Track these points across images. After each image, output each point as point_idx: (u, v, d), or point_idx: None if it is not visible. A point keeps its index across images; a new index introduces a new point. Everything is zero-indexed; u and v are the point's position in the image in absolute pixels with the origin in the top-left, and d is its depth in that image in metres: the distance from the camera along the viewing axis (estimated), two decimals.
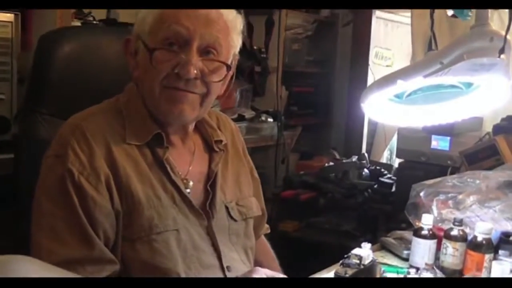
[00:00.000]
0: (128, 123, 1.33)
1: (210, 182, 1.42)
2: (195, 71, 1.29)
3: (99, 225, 1.23)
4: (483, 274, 1.59)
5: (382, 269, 1.67)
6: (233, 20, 1.36)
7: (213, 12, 1.32)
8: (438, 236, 1.70)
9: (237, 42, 1.39)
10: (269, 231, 1.70)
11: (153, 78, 1.30)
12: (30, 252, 1.14)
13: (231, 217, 1.44)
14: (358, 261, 1.56)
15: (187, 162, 1.41)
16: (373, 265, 1.53)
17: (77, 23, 2.53)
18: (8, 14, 2.20)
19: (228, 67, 1.37)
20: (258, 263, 1.53)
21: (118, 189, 1.26)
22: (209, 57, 1.33)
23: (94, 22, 2.64)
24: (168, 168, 1.34)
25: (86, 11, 2.63)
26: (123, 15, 2.93)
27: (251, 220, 1.52)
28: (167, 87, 1.30)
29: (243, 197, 1.51)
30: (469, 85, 1.65)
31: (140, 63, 1.34)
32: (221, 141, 1.48)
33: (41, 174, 1.27)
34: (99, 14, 2.73)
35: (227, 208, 1.44)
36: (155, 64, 1.28)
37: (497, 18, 3.01)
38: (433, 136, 2.87)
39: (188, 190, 1.36)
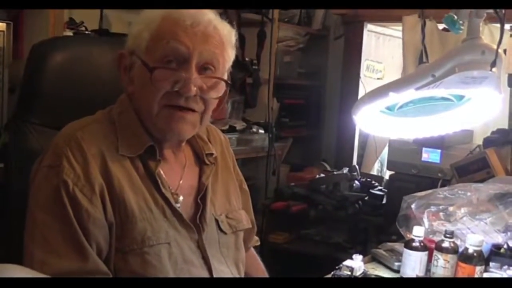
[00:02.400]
0: (121, 134, 1.32)
1: (201, 195, 1.42)
2: (195, 88, 1.29)
3: (93, 237, 1.22)
4: None
5: None
6: (228, 35, 1.37)
7: (210, 28, 1.31)
8: (429, 248, 1.70)
9: (232, 56, 1.40)
10: (258, 243, 1.69)
11: (151, 96, 1.29)
12: (21, 262, 1.13)
13: (221, 230, 1.44)
14: (349, 273, 1.57)
15: (178, 176, 1.41)
16: (368, 275, 1.53)
17: (69, 33, 2.53)
18: (0, 23, 2.20)
19: (227, 83, 1.37)
20: (247, 276, 1.53)
21: (112, 201, 1.25)
22: (207, 74, 1.32)
23: (86, 32, 2.64)
24: (159, 182, 1.33)
25: (78, 21, 2.63)
26: (115, 25, 2.93)
27: (241, 233, 1.51)
28: (166, 105, 1.29)
29: (232, 209, 1.50)
30: (460, 97, 1.66)
31: (136, 79, 1.33)
32: (212, 154, 1.47)
33: (35, 184, 1.26)
34: (91, 24, 2.73)
35: (217, 221, 1.44)
36: (155, 83, 1.27)
37: (487, 33, 3.05)
38: (424, 149, 2.88)
39: (178, 205, 1.36)
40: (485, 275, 1.58)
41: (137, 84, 1.33)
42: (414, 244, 1.70)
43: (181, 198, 1.37)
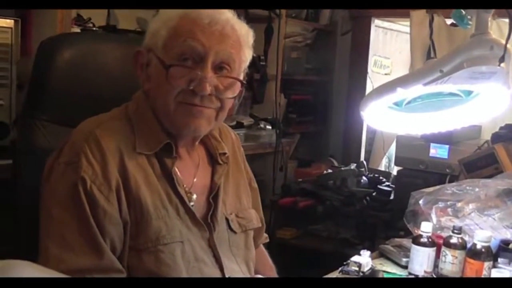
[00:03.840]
0: (138, 132, 1.32)
1: (213, 195, 1.42)
2: (210, 88, 1.29)
3: (108, 234, 1.22)
4: None
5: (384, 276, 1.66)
6: (245, 35, 1.36)
7: (227, 27, 1.31)
8: (437, 243, 1.70)
9: (248, 56, 1.39)
10: (267, 240, 1.69)
11: (167, 93, 1.29)
12: (29, 257, 1.13)
13: (231, 229, 1.44)
14: (357, 269, 1.57)
15: (192, 175, 1.41)
16: (376, 271, 1.53)
17: (77, 29, 2.54)
18: (8, 20, 2.21)
19: (242, 84, 1.37)
20: (255, 272, 1.53)
21: (128, 199, 1.25)
22: (223, 74, 1.32)
23: (94, 28, 2.64)
24: (175, 180, 1.33)
25: (86, 17, 2.64)
26: (123, 21, 2.94)
27: (251, 232, 1.51)
28: (182, 102, 1.30)
29: (242, 208, 1.50)
30: (468, 93, 1.65)
31: (153, 76, 1.33)
32: (225, 153, 1.47)
33: (51, 180, 1.26)
34: (99, 20, 2.74)
35: (227, 220, 1.44)
36: (171, 80, 1.28)
37: (496, 28, 3.03)
38: (432, 144, 2.88)
39: (192, 204, 1.36)
40: (493, 271, 1.58)
41: (153, 81, 1.33)
42: (422, 240, 1.70)
43: (194, 196, 1.37)
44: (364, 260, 1.60)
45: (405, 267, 1.78)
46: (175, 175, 1.33)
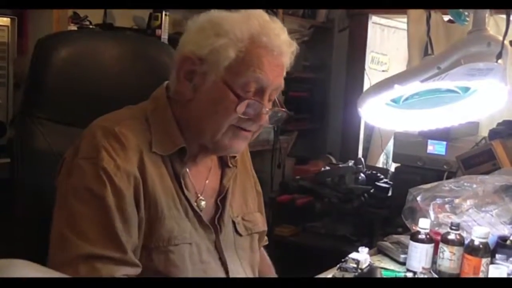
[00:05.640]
0: (154, 132, 1.32)
1: (221, 197, 1.42)
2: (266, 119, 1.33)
3: (133, 227, 1.22)
4: None
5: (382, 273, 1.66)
6: (287, 62, 1.37)
7: (286, 59, 1.34)
8: (435, 240, 1.70)
9: None
10: (267, 242, 1.70)
11: (226, 117, 1.29)
12: (28, 256, 1.13)
13: (237, 232, 1.44)
14: (355, 265, 1.57)
15: (204, 177, 1.41)
16: (374, 268, 1.53)
17: (74, 27, 2.53)
18: (5, 19, 2.20)
19: (287, 114, 1.41)
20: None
21: (145, 196, 1.25)
22: (272, 102, 1.35)
23: (91, 26, 2.64)
24: (183, 183, 1.33)
25: (82, 15, 2.64)
26: (119, 19, 2.94)
27: (256, 235, 1.51)
28: (234, 125, 1.30)
29: (249, 211, 1.51)
30: (466, 89, 1.65)
31: (205, 91, 1.30)
32: (234, 156, 1.48)
33: (72, 177, 1.24)
34: (96, 18, 2.73)
35: (233, 223, 1.44)
36: (238, 109, 1.27)
37: (493, 24, 3.03)
38: (429, 141, 2.88)
39: (201, 206, 1.37)
40: (491, 267, 1.58)
41: (205, 96, 1.31)
42: (420, 236, 1.70)
43: (203, 203, 1.38)
44: (362, 257, 1.60)
45: (403, 264, 1.78)
46: (184, 179, 1.34)
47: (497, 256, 1.65)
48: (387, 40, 4.44)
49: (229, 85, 1.28)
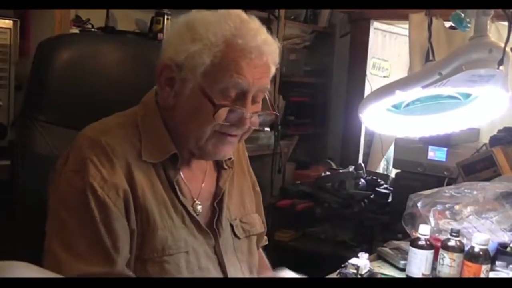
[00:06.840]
0: (144, 139, 1.30)
1: (218, 200, 1.41)
2: (249, 123, 1.29)
3: (119, 240, 1.20)
4: None
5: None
6: (275, 62, 1.32)
7: (269, 59, 1.28)
8: (435, 246, 1.70)
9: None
10: (266, 242, 1.69)
11: (206, 124, 1.26)
12: (28, 258, 1.13)
13: (235, 235, 1.43)
14: (355, 271, 1.57)
15: (200, 181, 1.40)
16: (374, 274, 1.53)
17: (76, 30, 2.54)
18: (7, 21, 2.20)
19: (276, 116, 1.38)
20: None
21: (135, 208, 1.24)
22: (258, 104, 1.31)
23: (93, 29, 2.64)
24: (178, 190, 1.32)
25: (84, 18, 2.64)
26: (121, 23, 2.94)
27: (254, 238, 1.50)
28: (218, 131, 1.28)
29: (246, 213, 1.49)
30: (467, 96, 1.65)
31: (186, 99, 1.28)
32: (230, 158, 1.45)
33: (60, 188, 1.24)
34: (98, 21, 2.73)
35: (231, 225, 1.43)
36: (217, 118, 1.25)
37: (494, 30, 3.03)
38: (430, 147, 2.88)
39: (198, 211, 1.35)
40: (491, 274, 1.58)
41: (186, 104, 1.28)
42: (420, 242, 1.70)
43: (199, 207, 1.36)
44: (362, 262, 1.60)
45: (403, 270, 1.78)
46: (179, 185, 1.32)
47: (497, 263, 1.65)
48: (389, 46, 4.45)
49: (205, 93, 1.25)
